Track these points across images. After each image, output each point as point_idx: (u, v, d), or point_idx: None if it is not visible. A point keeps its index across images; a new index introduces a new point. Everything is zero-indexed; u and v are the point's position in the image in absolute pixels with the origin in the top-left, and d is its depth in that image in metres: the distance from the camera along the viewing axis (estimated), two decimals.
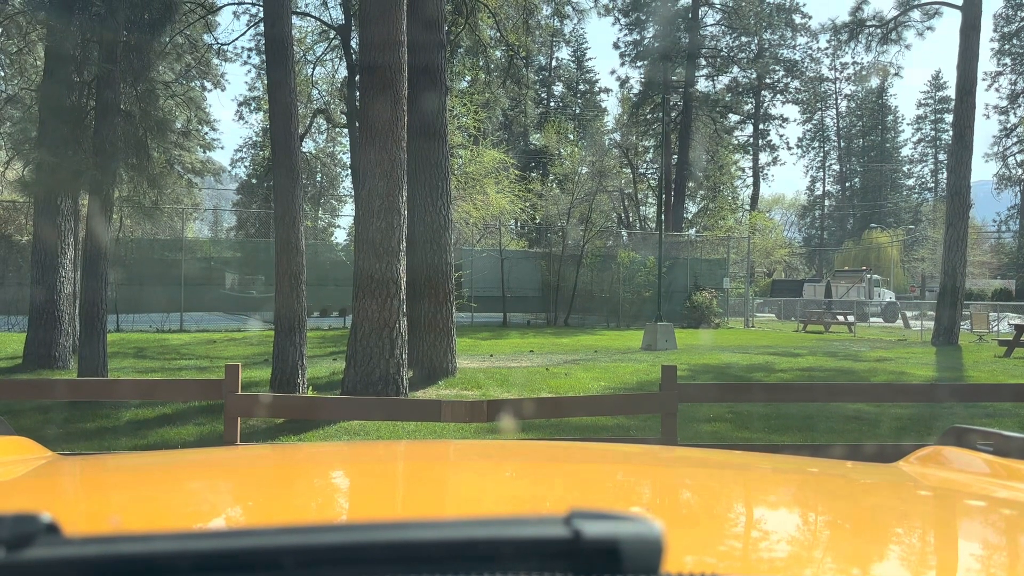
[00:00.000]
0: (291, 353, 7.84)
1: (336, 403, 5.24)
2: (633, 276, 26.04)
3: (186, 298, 22.11)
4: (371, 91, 7.39)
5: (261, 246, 28.61)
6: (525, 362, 13.40)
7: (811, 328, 25.06)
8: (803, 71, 47.21)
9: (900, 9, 19.06)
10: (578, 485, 1.24)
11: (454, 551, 0.48)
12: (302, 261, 7.88)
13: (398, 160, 7.58)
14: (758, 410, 8.10)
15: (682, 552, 0.70)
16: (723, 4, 41.84)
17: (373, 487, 1.19)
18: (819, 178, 68.78)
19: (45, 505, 0.75)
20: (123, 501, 1.06)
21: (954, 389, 7.11)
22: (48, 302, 10.99)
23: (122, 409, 7.43)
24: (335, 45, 14.33)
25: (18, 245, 21.55)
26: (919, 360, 14.44)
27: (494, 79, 15.42)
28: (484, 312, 23.88)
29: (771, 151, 50.60)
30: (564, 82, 53.57)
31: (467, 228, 22.55)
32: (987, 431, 1.33)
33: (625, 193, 39.15)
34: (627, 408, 5.63)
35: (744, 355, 15.49)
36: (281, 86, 7.98)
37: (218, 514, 1.00)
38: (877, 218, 61.64)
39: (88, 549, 0.47)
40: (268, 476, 1.30)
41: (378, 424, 6.46)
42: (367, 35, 7.65)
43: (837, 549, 0.86)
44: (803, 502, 1.17)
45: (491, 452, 1.71)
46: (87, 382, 5.83)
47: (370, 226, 7.58)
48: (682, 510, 1.07)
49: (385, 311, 7.57)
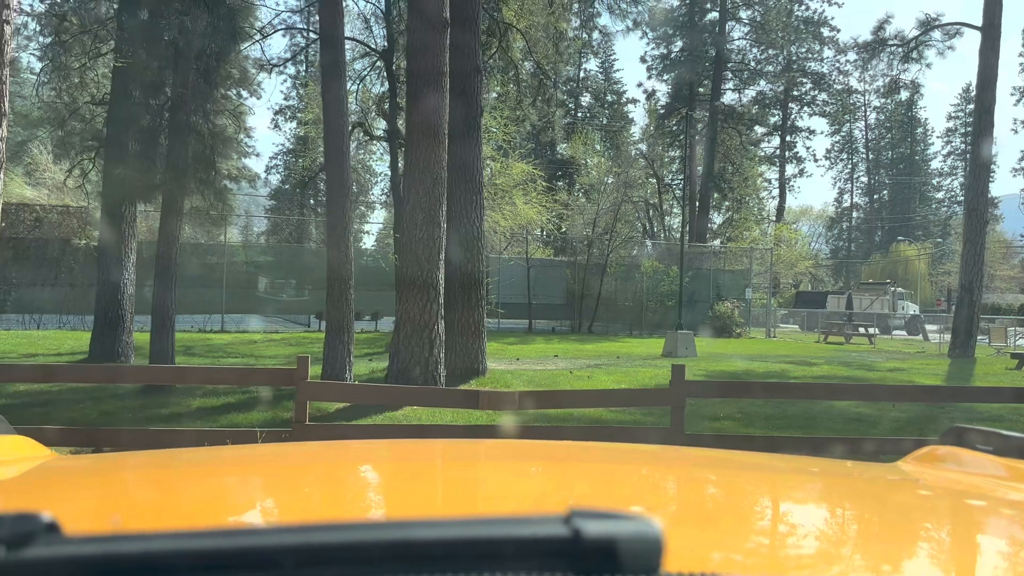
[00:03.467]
0: (340, 351, 8.68)
1: (392, 391, 6.07)
2: (657, 285, 26.65)
3: (226, 300, 23.13)
4: (416, 118, 8.24)
5: (294, 251, 29.67)
6: (550, 365, 14.15)
7: (832, 339, 25.48)
8: (830, 84, 47.44)
9: (921, 29, 19.57)
10: (579, 485, 1.27)
11: (454, 550, 0.48)
12: (351, 267, 8.73)
13: (439, 178, 8.41)
14: (763, 410, 8.76)
15: (683, 551, 0.71)
16: (751, 18, 42.35)
17: (375, 486, 1.19)
18: (847, 190, 68.71)
19: (45, 504, 0.73)
20: (123, 500, 1.06)
21: (950, 391, 7.70)
22: (112, 302, 11.95)
23: (190, 398, 8.31)
24: (376, 65, 15.25)
25: (70, 248, 22.66)
26: (930, 371, 14.94)
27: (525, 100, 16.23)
28: (510, 319, 24.67)
29: (798, 163, 50.91)
30: (592, 93, 54.22)
31: (495, 237, 23.35)
32: (987, 431, 1.33)
33: (650, 203, 39.74)
34: (640, 401, 6.38)
35: (761, 363, 16.08)
36: (335, 109, 8.86)
37: (218, 513, 0.99)
38: (905, 231, 61.44)
39: (88, 548, 0.47)
40: (269, 475, 1.30)
41: (419, 412, 7.26)
42: (413, 66, 8.51)
43: (837, 549, 0.87)
44: (803, 502, 1.19)
45: (494, 452, 1.72)
46: (186, 369, 6.71)
47: (413, 237, 8.40)
48: (683, 509, 1.07)
49: (425, 313, 8.39)
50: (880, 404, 9.34)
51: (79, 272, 22.54)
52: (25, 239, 23.35)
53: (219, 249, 24.68)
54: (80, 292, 22.54)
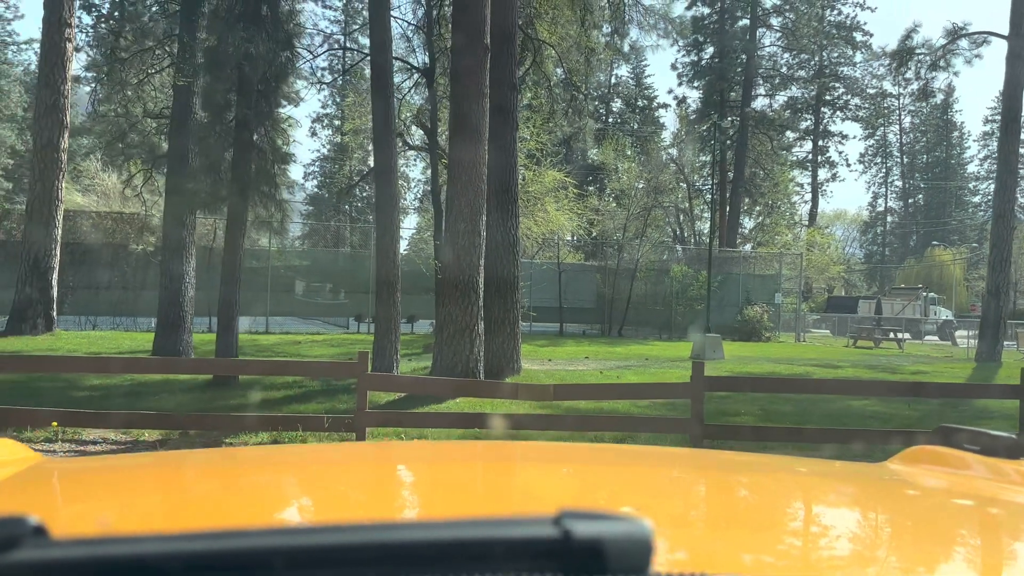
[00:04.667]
0: (388, 350, 9.45)
1: (449, 383, 6.84)
2: (686, 290, 27.11)
3: (267, 302, 24.09)
4: (459, 135, 8.99)
5: (331, 256, 30.59)
6: (581, 366, 14.79)
7: (861, 344, 25.73)
8: (863, 88, 47.34)
9: (948, 38, 19.88)
10: (574, 486, 1.27)
11: (444, 551, 0.49)
12: (398, 273, 9.50)
13: (479, 191, 9.15)
14: (783, 408, 9.34)
15: (672, 552, 0.72)
16: (782, 25, 42.56)
17: (364, 488, 1.21)
18: (881, 194, 68.21)
19: (32, 508, 0.74)
20: (111, 503, 1.06)
21: (940, 387, 8.21)
22: (174, 304, 12.88)
23: (252, 392, 9.13)
24: (418, 82, 16.10)
25: (124, 252, 23.80)
26: (954, 374, 15.29)
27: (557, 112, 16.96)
28: (542, 322, 25.34)
29: (830, 167, 50.88)
30: (623, 98, 54.71)
31: (527, 242, 24.05)
32: (975, 430, 1.35)
33: (680, 208, 40.17)
34: (663, 394, 7.04)
35: (787, 366, 16.55)
36: (383, 128, 9.65)
37: (206, 515, 0.98)
38: (941, 236, 60.82)
39: (76, 551, 0.47)
40: (257, 477, 1.30)
41: (461, 404, 7.98)
42: (457, 88, 9.26)
43: (823, 549, 0.87)
44: (791, 502, 1.20)
45: (489, 454, 1.72)
46: (268, 362, 7.54)
47: (455, 244, 9.15)
48: (673, 510, 1.08)
49: (466, 315, 9.12)
50: (895, 403, 9.87)
51: (132, 276, 23.72)
52: (81, 244, 24.51)
53: (262, 254, 25.68)
54: (132, 295, 23.71)
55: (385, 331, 9.41)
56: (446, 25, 15.35)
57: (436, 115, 14.39)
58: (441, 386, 6.99)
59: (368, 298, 23.82)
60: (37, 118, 17.00)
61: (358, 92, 25.60)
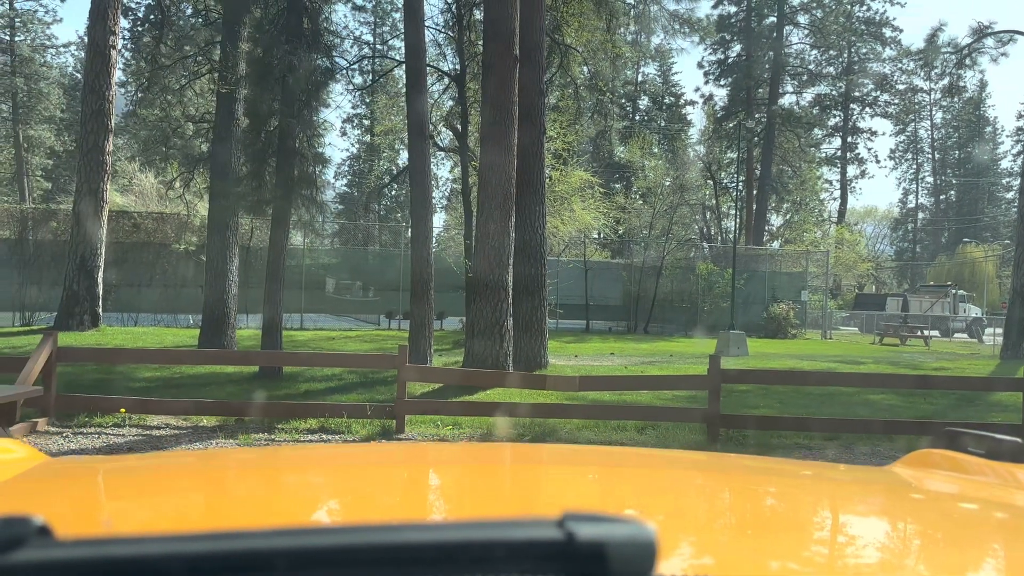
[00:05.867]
0: (422, 344, 10.00)
1: (484, 374, 7.37)
2: (712, 287, 27.34)
3: (301, 299, 24.75)
4: (489, 142, 9.51)
5: (360, 254, 31.19)
6: (606, 362, 15.23)
7: (887, 341, 25.81)
8: (893, 84, 47.00)
9: (974, 36, 19.96)
10: (580, 489, 1.28)
11: (447, 553, 0.49)
12: (431, 271, 10.05)
13: (509, 194, 9.65)
14: (800, 401, 9.72)
15: (676, 555, 0.72)
16: (809, 23, 42.44)
17: (367, 490, 1.21)
18: (912, 191, 67.51)
19: (36, 508, 0.75)
20: (115, 504, 1.07)
21: (943, 381, 8.55)
22: (219, 302, 13.57)
23: (297, 383, 9.73)
24: (448, 86, 16.68)
25: (165, 252, 24.66)
26: (975, 371, 15.46)
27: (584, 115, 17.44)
28: (568, 319, 25.74)
29: (859, 164, 50.61)
30: (650, 96, 54.83)
31: (554, 240, 24.50)
32: (979, 434, 1.34)
33: (707, 206, 40.33)
34: (682, 385, 7.50)
35: (810, 362, 16.82)
36: (417, 133, 10.20)
37: (211, 516, 0.99)
38: (973, 232, 60.08)
39: (80, 551, 0.47)
40: (260, 478, 1.30)
41: (491, 395, 8.48)
42: (488, 98, 9.78)
43: (827, 553, 0.89)
44: (796, 506, 1.20)
45: (493, 456, 1.73)
46: (315, 354, 8.17)
47: (486, 245, 9.66)
48: (678, 513, 1.08)
49: (496, 312, 9.63)
50: (911, 398, 10.21)
51: (172, 274, 24.58)
52: (123, 243, 25.37)
53: (295, 252, 26.35)
54: (173, 292, 24.56)
55: (419, 328, 9.97)
56: (475, 31, 15.90)
57: (467, 118, 14.94)
58: (476, 377, 7.53)
59: (398, 295, 24.41)
60: (83, 122, 17.73)
61: (389, 94, 26.23)
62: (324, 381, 9.82)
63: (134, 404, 6.97)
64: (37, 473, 1.19)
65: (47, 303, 21.62)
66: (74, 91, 51.18)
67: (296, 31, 10.13)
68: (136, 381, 10.21)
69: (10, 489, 1.08)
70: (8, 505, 0.95)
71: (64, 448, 6.37)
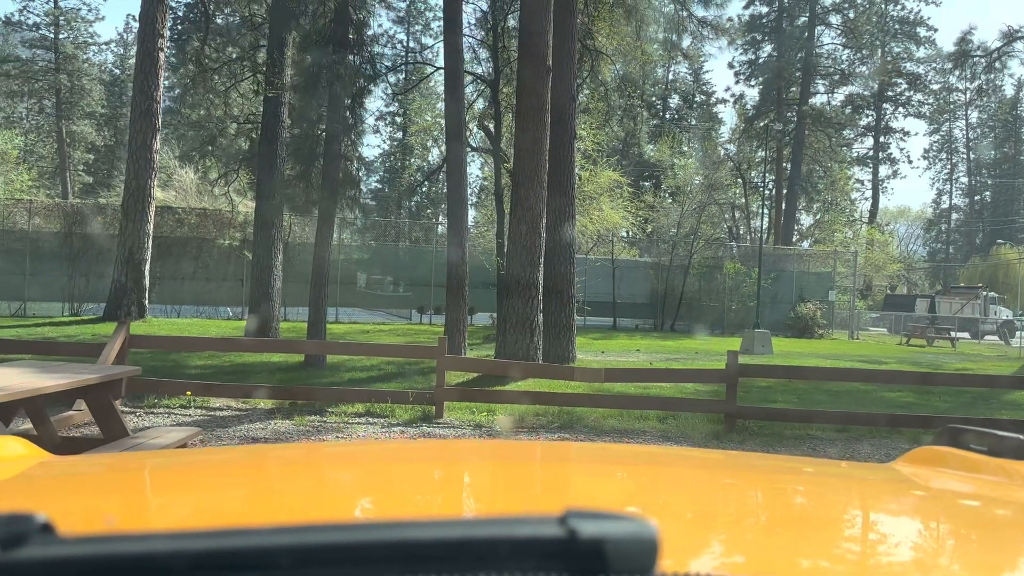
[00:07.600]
0: (456, 338, 10.62)
1: (519, 365, 8.00)
2: (739, 286, 27.59)
3: (336, 294, 25.50)
4: (522, 147, 10.09)
5: (391, 250, 31.83)
6: (632, 358, 15.73)
7: (914, 342, 25.90)
8: (927, 84, 46.60)
9: (1003, 41, 20.05)
10: (584, 486, 1.31)
11: (450, 550, 0.49)
12: (466, 269, 10.67)
13: (540, 196, 10.22)
14: (816, 397, 10.16)
15: (679, 552, 0.72)
16: (841, 23, 42.30)
17: (371, 486, 1.22)
18: (946, 191, 66.72)
19: (39, 505, 0.76)
20: (119, 501, 1.07)
21: (945, 377, 8.93)
22: (264, 295, 14.33)
23: (340, 372, 10.40)
24: (484, 92, 17.31)
25: (207, 246, 25.60)
26: (996, 372, 15.69)
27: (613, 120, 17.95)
28: (595, 316, 26.18)
29: (891, 164, 50.29)
30: (680, 94, 54.88)
31: (582, 239, 24.97)
32: (982, 431, 1.34)
33: (736, 205, 40.44)
34: (700, 378, 8.03)
35: (833, 361, 17.12)
36: (454, 138, 10.81)
37: (214, 514, 0.99)
38: (1008, 234, 59.24)
39: (83, 549, 0.48)
40: (264, 475, 1.31)
41: (521, 385, 9.06)
42: (521, 105, 10.35)
43: (830, 550, 0.89)
44: (798, 503, 1.21)
45: (497, 453, 1.74)
46: (364, 345, 8.90)
47: (518, 246, 10.25)
48: (680, 510, 1.09)
49: (527, 308, 10.21)
50: (925, 394, 10.60)
51: (214, 268, 25.51)
52: (168, 237, 26.33)
53: (335, 248, 27.05)
54: (215, 285, 25.50)
55: (454, 322, 10.60)
56: (509, 35, 16.45)
57: (500, 121, 15.53)
58: (509, 368, 8.15)
59: (429, 291, 25.07)
60: (132, 121, 18.57)
61: (423, 94, 26.87)
62: (365, 371, 10.48)
63: (198, 388, 7.67)
64: (38, 470, 1.20)
65: (94, 294, 22.61)
66: (113, 87, 52.77)
67: (343, 41, 10.78)
68: (189, 368, 10.96)
69: (13, 486, 1.09)
70: (11, 502, 0.96)
71: (139, 425, 7.07)
